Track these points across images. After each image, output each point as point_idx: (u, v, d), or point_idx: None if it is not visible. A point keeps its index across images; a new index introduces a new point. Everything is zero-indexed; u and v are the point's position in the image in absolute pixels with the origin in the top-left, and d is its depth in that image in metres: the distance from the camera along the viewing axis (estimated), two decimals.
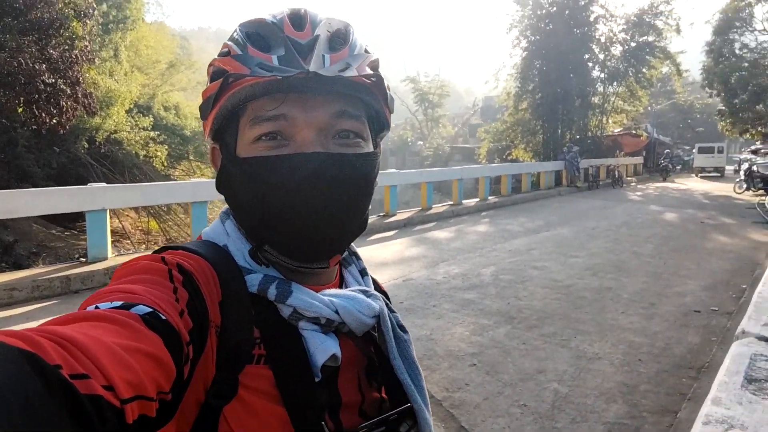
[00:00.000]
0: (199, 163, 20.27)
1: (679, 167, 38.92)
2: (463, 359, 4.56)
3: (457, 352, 4.70)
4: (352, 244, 0.81)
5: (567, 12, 26.25)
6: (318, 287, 0.72)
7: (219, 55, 0.71)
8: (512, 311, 5.80)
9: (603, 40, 27.98)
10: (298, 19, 0.70)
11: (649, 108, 40.39)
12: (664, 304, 6.05)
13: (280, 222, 0.67)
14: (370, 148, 0.73)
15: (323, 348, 0.66)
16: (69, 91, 13.71)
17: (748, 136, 28.94)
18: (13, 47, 12.68)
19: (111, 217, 7.92)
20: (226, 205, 0.78)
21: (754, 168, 20.25)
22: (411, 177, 14.12)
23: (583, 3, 26.56)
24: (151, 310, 0.52)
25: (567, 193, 19.64)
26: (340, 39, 0.70)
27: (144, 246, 13.51)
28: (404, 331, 0.79)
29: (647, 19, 27.08)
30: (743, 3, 26.75)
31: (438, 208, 13.65)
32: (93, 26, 15.08)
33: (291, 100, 0.66)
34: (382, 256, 8.70)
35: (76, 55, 13.90)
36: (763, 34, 27.10)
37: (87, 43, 14.22)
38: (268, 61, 0.65)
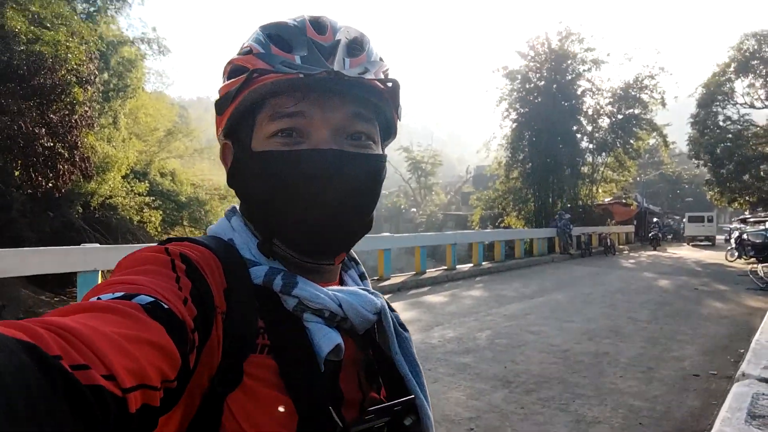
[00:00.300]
0: (193, 229, 20.28)
1: (670, 236, 39.26)
2: (460, 424, 4.44)
3: (453, 417, 4.58)
4: (352, 250, 0.83)
5: (555, 86, 27.22)
6: (321, 284, 0.73)
7: (239, 54, 0.73)
8: (509, 375, 5.69)
9: (590, 112, 28.95)
10: (319, 24, 0.73)
11: (638, 178, 41.17)
12: (663, 369, 5.96)
13: (292, 215, 0.68)
14: (380, 151, 0.75)
15: (328, 339, 0.66)
16: (67, 155, 13.88)
17: (736, 205, 29.39)
18: (14, 111, 12.93)
19: (102, 279, 7.87)
20: (231, 204, 0.81)
21: (745, 236, 20.44)
22: (405, 241, 14.18)
23: (570, 78, 27.60)
24: (152, 299, 0.52)
25: (560, 260, 19.68)
26: (357, 46, 0.73)
27: None
28: (405, 329, 0.80)
29: (633, 93, 28.12)
30: (724, 78, 27.85)
31: (432, 272, 13.62)
32: (94, 93, 15.43)
33: (310, 99, 0.68)
34: None
35: (75, 120, 14.15)
36: (745, 107, 28.02)
37: (87, 109, 14.51)
38: (291, 59, 0.68)
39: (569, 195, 28.16)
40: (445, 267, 14.43)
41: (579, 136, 28.94)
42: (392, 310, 0.80)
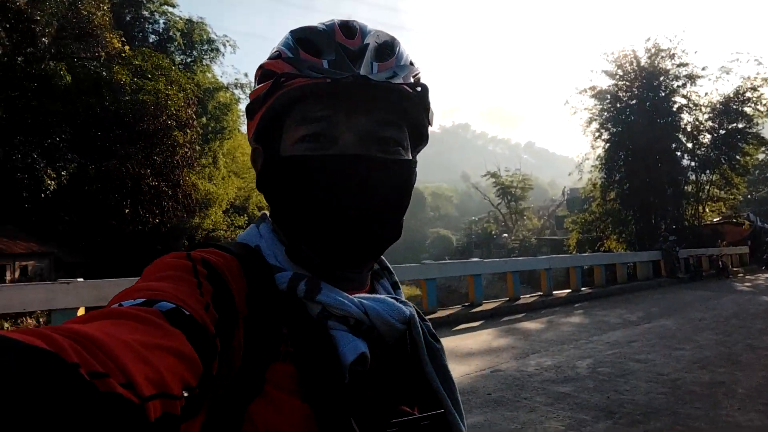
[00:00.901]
0: None
1: None
2: None
3: None
4: (384, 258, 0.82)
5: (648, 104, 26.03)
6: (350, 292, 0.71)
7: (269, 59, 0.73)
8: (613, 406, 5.35)
9: (689, 128, 27.30)
10: (348, 28, 0.73)
11: (749, 195, 38.21)
12: None
13: (318, 221, 0.67)
14: (409, 157, 0.74)
15: (353, 347, 0.64)
16: (170, 193, 14.89)
17: None
18: (122, 155, 14.07)
19: None
20: (263, 212, 0.81)
21: None
22: (496, 266, 13.87)
23: (663, 95, 26.32)
24: (174, 306, 0.51)
25: (667, 285, 18.47)
26: (387, 50, 0.72)
27: None
28: (436, 340, 0.78)
29: (734, 107, 26.28)
30: None
31: (527, 298, 13.21)
32: (193, 135, 16.51)
33: (337, 104, 0.67)
34: (468, 346, 8.41)
35: (177, 161, 15.20)
36: None
37: (187, 150, 15.54)
38: (319, 64, 0.68)
39: (673, 215, 26.59)
40: (540, 293, 13.95)
41: (679, 154, 27.40)
42: (423, 320, 0.78)
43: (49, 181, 15.37)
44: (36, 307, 7.14)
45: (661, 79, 26.10)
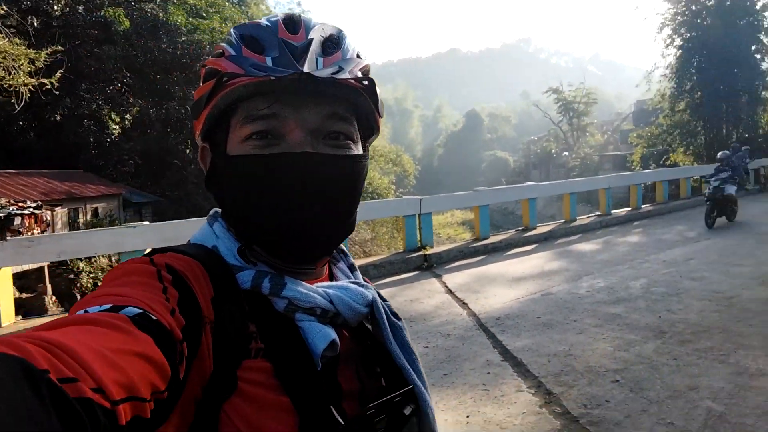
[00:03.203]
0: None
1: None
2: (605, 375, 4.31)
3: (598, 368, 4.45)
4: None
5: (728, 3, 23.96)
6: (311, 281, 0.73)
7: (212, 56, 0.72)
8: (663, 325, 5.37)
9: None
10: (292, 23, 0.72)
11: None
12: None
13: (268, 221, 0.68)
14: (360, 151, 0.74)
15: (322, 335, 0.67)
16: None
17: None
18: (181, 96, 14.37)
19: None
20: (214, 209, 0.81)
21: None
22: (551, 189, 13.61)
23: None
24: (140, 311, 0.52)
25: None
26: (333, 43, 0.72)
27: None
28: (398, 318, 0.79)
29: None
30: None
31: (583, 219, 12.99)
32: None
33: (283, 101, 0.67)
34: (519, 270, 8.47)
35: None
36: None
37: None
38: (262, 62, 0.67)
39: (746, 124, 25.01)
40: (598, 213, 13.68)
41: (759, 56, 25.38)
42: (384, 300, 0.80)
43: (113, 126, 15.97)
44: (105, 251, 7.62)
45: None
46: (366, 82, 0.70)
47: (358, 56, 0.73)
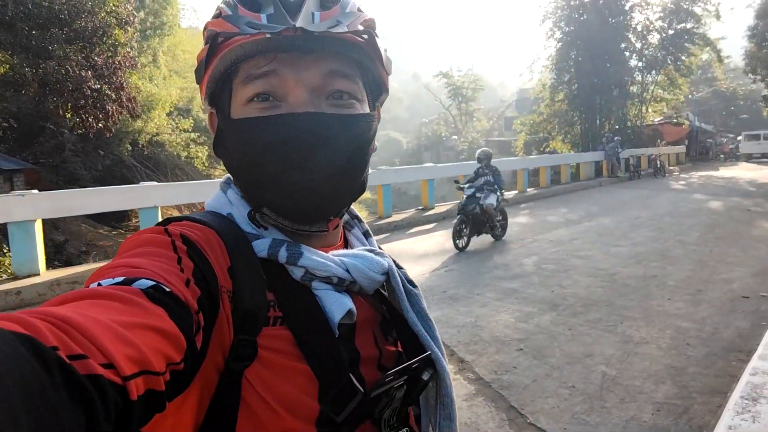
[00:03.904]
0: None
1: (722, 156, 37.89)
2: (510, 344, 4.63)
3: (503, 338, 4.78)
4: (353, 208, 0.82)
5: (601, 1, 25.85)
6: (323, 249, 0.73)
7: (212, 18, 0.70)
8: (556, 299, 5.84)
9: (639, 28, 27.58)
10: None
11: (690, 96, 39.39)
12: (711, 291, 6.00)
13: (275, 183, 0.67)
14: (366, 110, 0.72)
15: (339, 304, 0.67)
16: (114, 96, 14.18)
17: None
18: (60, 56, 13.23)
19: (161, 216, 8.30)
20: (227, 174, 0.79)
21: None
22: (447, 171, 14.18)
23: None
24: (154, 283, 0.51)
25: (608, 184, 19.38)
26: None
27: None
28: (413, 285, 0.79)
29: (685, 6, 26.55)
30: None
31: None
32: (134, 33, 15.55)
33: (282, 59, 0.65)
34: (423, 248, 8.82)
35: (119, 62, 14.36)
36: None
37: (129, 50, 14.69)
38: (257, 19, 0.65)
39: (617, 116, 27.32)
40: None
41: (627, 54, 27.72)
42: (400, 267, 0.79)
43: None
44: None
45: None
46: (366, 36, 0.68)
47: (359, 10, 0.70)
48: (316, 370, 0.63)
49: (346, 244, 0.81)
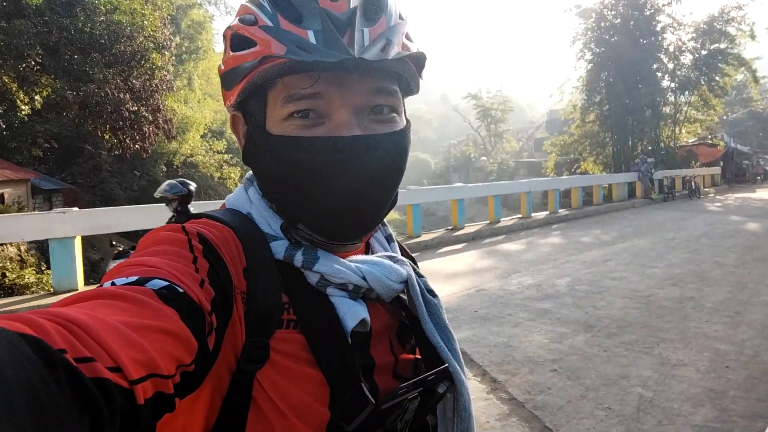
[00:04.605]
0: None
1: (760, 177, 36.98)
2: (543, 365, 4.58)
3: (536, 358, 4.72)
4: None
5: (632, 23, 25.76)
6: (344, 254, 0.72)
7: (242, 22, 0.66)
8: (591, 320, 5.75)
9: (672, 49, 27.32)
10: None
11: (725, 117, 38.69)
12: (751, 313, 5.84)
13: (314, 204, 0.66)
14: (404, 122, 0.71)
15: (352, 313, 0.66)
16: (151, 118, 14.58)
17: None
18: (100, 79, 13.68)
19: None
20: (249, 172, 0.77)
21: None
22: (477, 191, 14.16)
23: (648, 13, 26.01)
24: (167, 283, 0.51)
25: (641, 205, 19.05)
26: (374, 7, 0.65)
27: None
28: (433, 295, 0.77)
29: (718, 26, 26.25)
30: None
31: (507, 221, 13.60)
32: (170, 57, 16.02)
33: (327, 78, 0.63)
34: (453, 267, 8.79)
35: (156, 85, 14.78)
36: None
37: (166, 73, 15.13)
38: (304, 36, 0.61)
39: (650, 137, 26.97)
40: (520, 215, 14.34)
41: (660, 74, 27.45)
42: (420, 276, 0.78)
43: (22, 106, 14.97)
44: (33, 237, 7.27)
45: None
46: (419, 54, 0.67)
47: (401, 17, 0.67)
48: (328, 376, 0.63)
49: (368, 249, 0.80)
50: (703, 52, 26.65)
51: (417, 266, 0.82)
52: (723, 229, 12.62)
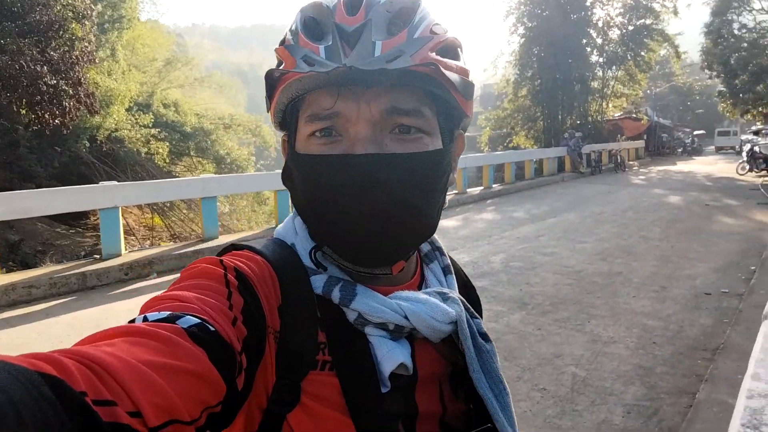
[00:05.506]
0: (200, 159, 20.30)
1: (680, 150, 38.94)
2: None
3: None
4: (436, 237, 0.76)
5: None
6: (392, 288, 0.68)
7: (279, 44, 0.67)
8: (525, 297, 5.86)
9: (600, 24, 28.07)
10: (354, 1, 0.64)
11: (649, 91, 40.39)
12: (675, 287, 6.11)
13: (333, 225, 0.63)
14: (437, 144, 0.65)
15: (390, 356, 0.62)
16: (71, 92, 13.73)
17: (749, 116, 28.90)
18: (14, 50, 12.70)
19: (121, 216, 8.05)
20: None
21: (756, 149, 20.30)
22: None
23: None
24: (198, 321, 0.50)
25: (570, 179, 19.66)
26: (399, 21, 0.63)
27: (149, 242, 13.54)
28: (487, 340, 0.72)
29: (644, 2, 27.12)
30: None
31: None
32: (91, 27, 15.09)
33: (345, 95, 0.61)
34: None
35: (76, 56, 13.90)
36: (762, 14, 26.97)
37: (87, 44, 14.22)
38: (315, 52, 0.61)
39: (578, 111, 27.77)
40: (456, 191, 14.46)
41: (589, 50, 28.19)
42: (474, 317, 0.72)
43: None
44: None
45: None
46: (432, 66, 0.60)
47: (433, 32, 0.64)
48: (358, 425, 0.60)
49: (422, 281, 0.75)
50: (630, 28, 27.54)
51: (479, 300, 0.81)
52: (647, 202, 13.18)
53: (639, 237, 8.94)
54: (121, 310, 5.68)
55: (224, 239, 8.54)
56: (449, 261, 0.79)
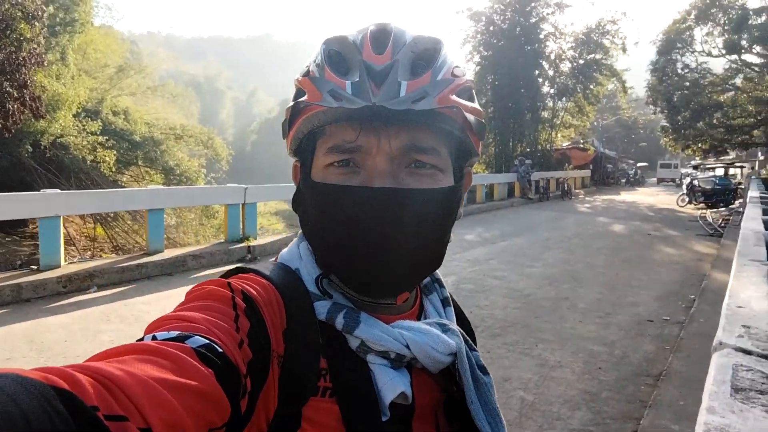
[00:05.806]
0: (148, 169, 19.79)
1: (623, 180, 40.42)
2: None
3: None
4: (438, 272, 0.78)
5: (518, 29, 27.06)
6: (392, 317, 0.70)
7: (301, 75, 0.69)
8: (475, 320, 5.88)
9: (553, 57, 29.07)
10: (380, 39, 0.66)
11: (596, 123, 41.90)
12: (619, 314, 6.26)
13: (344, 255, 0.65)
14: (449, 181, 0.68)
15: (391, 385, 0.64)
16: (16, 94, 13.20)
17: (689, 151, 30.25)
18: None
19: (63, 225, 7.67)
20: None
21: (695, 183, 21.24)
22: None
23: (533, 21, 27.47)
24: (207, 342, 0.51)
25: (519, 205, 20.10)
26: (423, 62, 0.66)
27: (90, 253, 13.03)
28: (485, 372, 0.74)
29: (594, 38, 28.29)
30: (684, 25, 28.01)
31: None
32: (41, 29, 14.62)
33: (366, 129, 0.64)
34: None
35: (23, 58, 13.40)
36: (703, 56, 28.41)
37: (35, 46, 13.75)
38: (341, 87, 0.63)
39: (529, 140, 28.54)
40: None
41: (540, 80, 29.13)
42: (473, 349, 0.75)
43: None
44: None
45: (533, 4, 27.15)
46: (454, 108, 0.64)
47: (454, 74, 0.67)
48: None
49: (421, 312, 0.76)
50: (581, 62, 28.59)
51: (473, 332, 0.82)
52: (593, 230, 13.56)
53: (585, 263, 9.16)
54: (57, 325, 5.40)
55: (169, 253, 8.29)
56: (448, 293, 0.82)
